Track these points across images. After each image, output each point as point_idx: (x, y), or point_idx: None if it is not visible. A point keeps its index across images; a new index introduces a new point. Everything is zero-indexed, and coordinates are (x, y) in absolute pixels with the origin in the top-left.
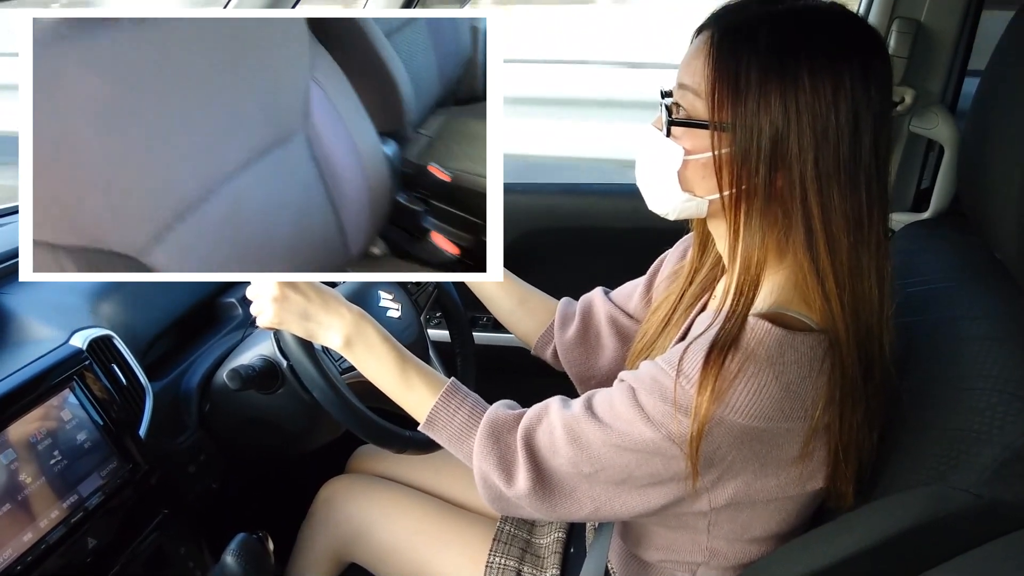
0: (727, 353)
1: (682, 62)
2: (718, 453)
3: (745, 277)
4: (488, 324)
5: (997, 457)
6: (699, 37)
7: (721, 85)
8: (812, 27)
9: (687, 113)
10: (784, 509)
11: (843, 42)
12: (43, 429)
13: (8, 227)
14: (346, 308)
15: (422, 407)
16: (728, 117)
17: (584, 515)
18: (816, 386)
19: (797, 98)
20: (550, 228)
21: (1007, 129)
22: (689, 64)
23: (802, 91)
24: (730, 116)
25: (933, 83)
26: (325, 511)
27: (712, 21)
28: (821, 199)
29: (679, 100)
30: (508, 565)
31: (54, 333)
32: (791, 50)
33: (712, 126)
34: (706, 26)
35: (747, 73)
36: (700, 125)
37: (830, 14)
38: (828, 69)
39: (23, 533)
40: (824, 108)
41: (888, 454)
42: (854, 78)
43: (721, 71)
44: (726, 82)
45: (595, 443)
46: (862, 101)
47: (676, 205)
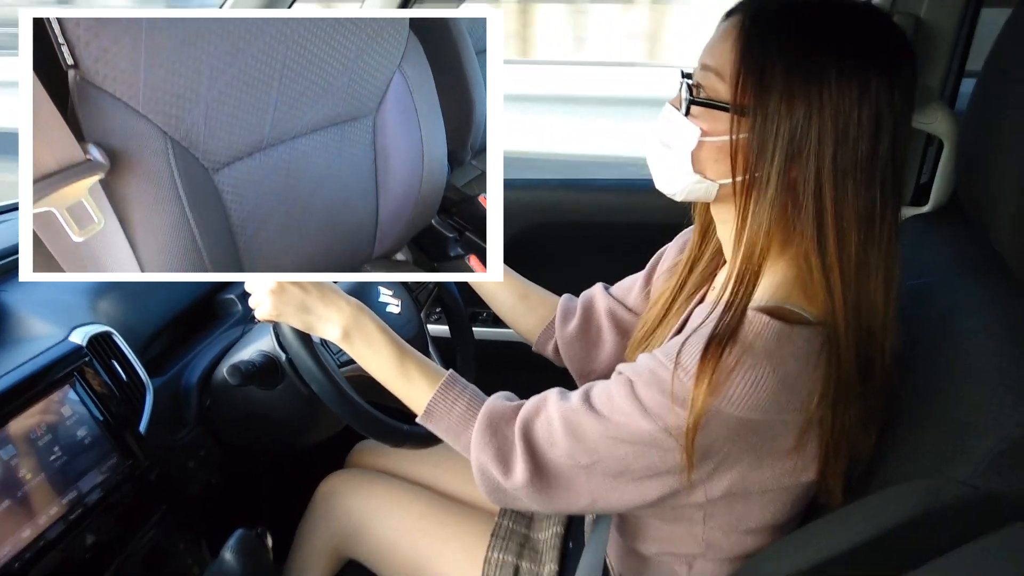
0: (725, 346)
1: (707, 44)
2: (714, 445)
3: (747, 266)
4: (488, 320)
5: (993, 449)
6: (727, 21)
7: (747, 71)
8: (844, 25)
9: (708, 94)
10: (779, 500)
11: (873, 45)
12: (43, 425)
13: (7, 224)
14: (344, 301)
15: (420, 399)
16: (750, 103)
17: (581, 507)
18: (812, 379)
19: (822, 94)
20: (550, 223)
21: (1005, 124)
22: (715, 47)
23: (827, 89)
24: (752, 103)
25: (932, 78)
26: (324, 507)
27: (743, 7)
28: (835, 193)
29: (701, 81)
30: (506, 560)
31: (54, 330)
32: (821, 46)
33: (733, 109)
34: (736, 11)
35: (774, 63)
36: (721, 107)
37: (863, 14)
38: (856, 69)
39: (22, 529)
40: (847, 107)
41: (884, 447)
42: (880, 83)
43: (748, 57)
44: (752, 68)
45: (593, 435)
46: (885, 105)
47: (685, 186)
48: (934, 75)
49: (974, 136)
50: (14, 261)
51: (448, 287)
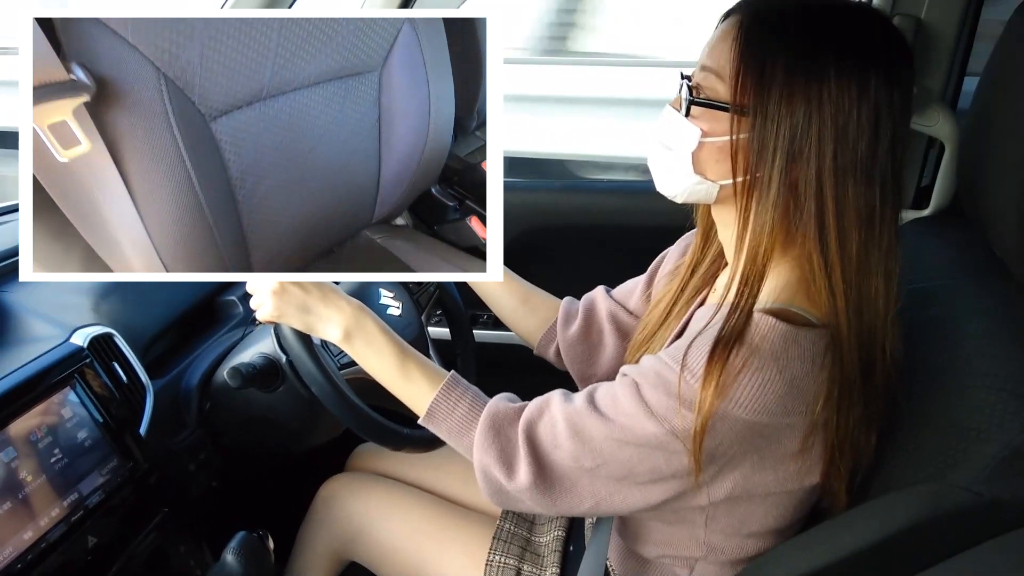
0: (732, 348)
1: (706, 45)
2: (720, 448)
3: (751, 267)
4: (489, 322)
5: (996, 455)
6: (726, 21)
7: (746, 70)
8: (843, 25)
9: (708, 95)
10: (781, 504)
11: (871, 45)
12: (44, 427)
13: (8, 225)
14: (345, 301)
15: (422, 400)
16: (750, 103)
17: (584, 510)
18: (818, 381)
19: (822, 93)
20: (552, 226)
21: (1007, 127)
22: (714, 47)
23: (827, 88)
24: (752, 103)
25: (934, 80)
26: (325, 509)
27: (742, 7)
28: (836, 193)
29: (700, 82)
30: (508, 563)
31: (55, 331)
32: (821, 45)
33: (733, 109)
34: (735, 11)
35: (774, 62)
36: (721, 107)
37: (862, 14)
38: (855, 69)
39: (23, 531)
40: (847, 106)
41: (887, 451)
42: (879, 82)
43: (747, 57)
44: (751, 68)
45: (597, 437)
46: (884, 104)
47: (686, 187)
48: (935, 77)
49: (976, 138)
50: (15, 263)
51: (449, 289)
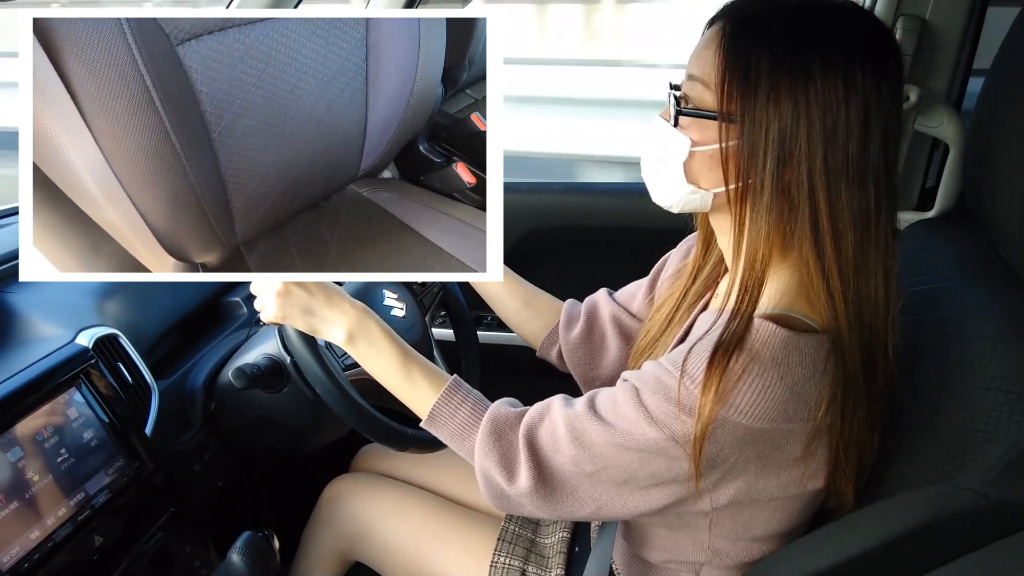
0: (732, 354)
1: (692, 54)
2: (721, 454)
3: (750, 274)
4: (492, 323)
5: (1003, 456)
6: (710, 29)
7: (731, 77)
8: (825, 23)
9: (695, 104)
10: (786, 508)
11: (855, 39)
12: (50, 427)
13: (12, 228)
14: (349, 303)
15: (424, 403)
16: (737, 109)
17: (585, 514)
18: (819, 387)
19: (808, 93)
20: (554, 227)
21: (1012, 127)
22: (699, 55)
23: (813, 86)
24: (739, 108)
25: (938, 81)
26: (330, 510)
27: (724, 13)
28: (829, 195)
29: (688, 91)
30: (512, 564)
31: (60, 332)
32: (803, 45)
33: (720, 117)
34: (718, 18)
35: (758, 66)
36: (708, 116)
37: (843, 11)
38: (840, 65)
39: (30, 531)
40: (835, 104)
41: (893, 453)
42: (866, 75)
43: (732, 63)
44: (736, 74)
45: (598, 442)
46: (873, 99)
47: (680, 197)
48: (940, 78)
49: (981, 140)
50: (18, 264)
51: (453, 290)
